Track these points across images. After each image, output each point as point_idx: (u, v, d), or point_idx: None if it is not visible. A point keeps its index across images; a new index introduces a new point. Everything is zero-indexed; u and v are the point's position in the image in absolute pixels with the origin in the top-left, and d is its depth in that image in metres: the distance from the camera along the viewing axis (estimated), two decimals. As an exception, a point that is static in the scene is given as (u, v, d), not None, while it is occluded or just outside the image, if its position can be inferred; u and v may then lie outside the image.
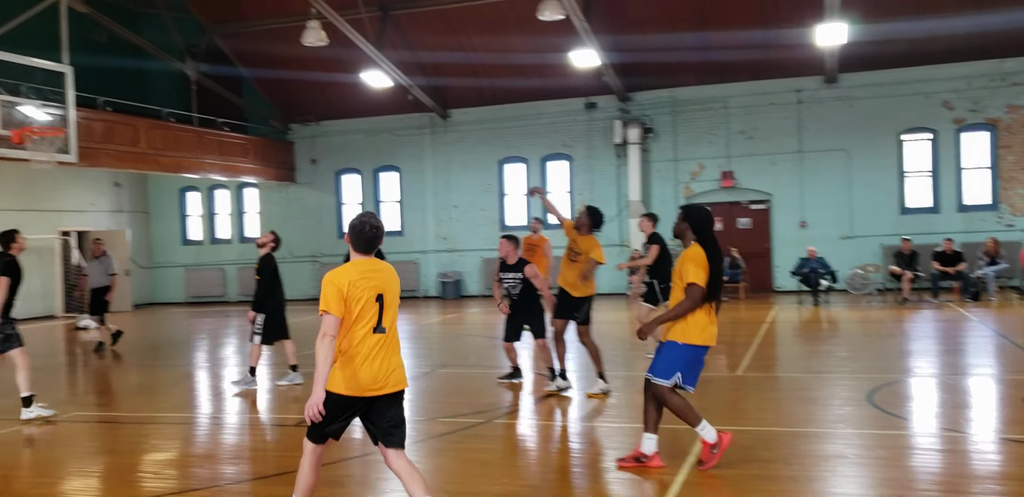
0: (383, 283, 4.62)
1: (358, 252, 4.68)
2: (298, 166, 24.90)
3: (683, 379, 5.92)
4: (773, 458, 6.23)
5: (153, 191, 26.13)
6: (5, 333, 8.52)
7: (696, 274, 5.77)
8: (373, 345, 4.55)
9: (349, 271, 4.58)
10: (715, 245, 5.92)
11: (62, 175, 21.17)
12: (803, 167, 20.81)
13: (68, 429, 8.29)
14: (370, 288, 4.55)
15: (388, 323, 4.61)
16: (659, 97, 21.68)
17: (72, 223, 22.47)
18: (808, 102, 20.71)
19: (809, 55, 19.49)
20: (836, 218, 20.59)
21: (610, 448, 6.79)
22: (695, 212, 6.05)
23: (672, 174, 21.70)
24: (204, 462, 6.93)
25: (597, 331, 14.34)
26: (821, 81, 20.50)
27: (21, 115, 13.05)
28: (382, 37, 20.38)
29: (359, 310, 4.52)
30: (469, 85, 22.44)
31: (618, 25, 19.86)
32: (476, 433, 7.41)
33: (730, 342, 12.83)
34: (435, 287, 23.54)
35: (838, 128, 20.52)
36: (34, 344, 15.44)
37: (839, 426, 7.27)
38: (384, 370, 4.56)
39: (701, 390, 9.22)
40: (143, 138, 19.42)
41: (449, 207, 23.46)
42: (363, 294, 4.54)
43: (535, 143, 22.74)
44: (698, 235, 5.94)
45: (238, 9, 21.74)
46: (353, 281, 4.52)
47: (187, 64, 21.93)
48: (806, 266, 18.50)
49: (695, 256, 5.84)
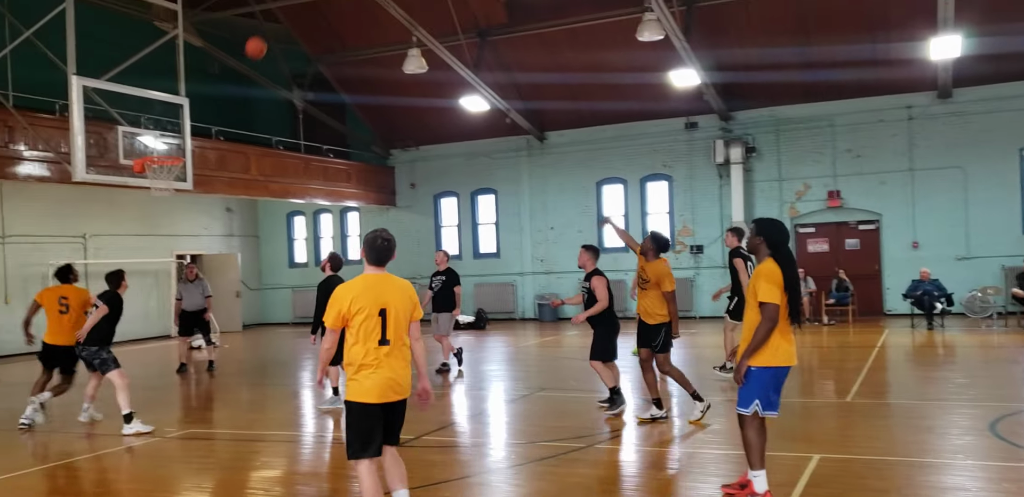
0: (387, 297, 4.89)
1: (370, 264, 5.04)
2: (398, 190, 25.40)
3: (763, 406, 5.58)
4: (887, 488, 5.97)
5: (262, 216, 27.05)
6: (101, 357, 9.27)
7: (770, 292, 5.49)
8: (379, 356, 4.83)
9: (356, 285, 4.92)
10: (790, 260, 5.65)
11: (178, 201, 22.14)
12: (914, 186, 20.07)
13: (182, 445, 8.59)
14: (373, 303, 4.83)
15: (392, 335, 4.86)
16: (762, 116, 21.30)
17: (187, 247, 23.46)
18: (920, 118, 20.00)
19: (921, 70, 18.85)
20: (951, 238, 19.75)
21: (713, 475, 6.63)
22: (768, 225, 5.78)
23: (776, 194, 21.24)
24: (310, 480, 7.08)
25: (701, 355, 14.09)
26: (934, 96, 19.78)
27: (141, 145, 13.70)
28: (480, 62, 20.69)
29: (362, 323, 4.82)
30: (566, 107, 22.52)
31: (718, 44, 19.66)
32: (576, 458, 7.34)
33: (838, 367, 12.43)
34: (532, 309, 23.57)
35: (952, 145, 19.73)
36: (150, 363, 16.14)
37: (958, 456, 6.92)
38: (396, 377, 4.89)
39: (807, 416, 8.96)
40: (254, 165, 20.15)
41: (546, 229, 23.51)
42: (366, 308, 4.82)
43: (634, 164, 22.63)
44: (772, 249, 5.67)
45: (342, 39, 22.43)
46: (356, 297, 4.83)
47: (294, 93, 22.70)
48: (919, 288, 17.78)
49: (768, 273, 5.56)
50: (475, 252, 24.62)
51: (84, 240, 20.24)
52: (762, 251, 5.72)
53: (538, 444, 7.86)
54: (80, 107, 12.37)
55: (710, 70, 19.48)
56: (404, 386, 4.98)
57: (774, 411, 5.63)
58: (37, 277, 18.95)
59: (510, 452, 7.80)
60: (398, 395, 4.96)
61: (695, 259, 21.91)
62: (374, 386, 4.85)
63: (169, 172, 13.56)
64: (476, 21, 20.71)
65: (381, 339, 4.85)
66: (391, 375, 4.89)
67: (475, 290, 23.90)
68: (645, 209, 22.70)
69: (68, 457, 8.00)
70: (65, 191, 18.77)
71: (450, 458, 7.73)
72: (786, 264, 5.60)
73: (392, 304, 4.91)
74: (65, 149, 13.83)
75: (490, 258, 24.37)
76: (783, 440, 7.78)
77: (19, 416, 9.61)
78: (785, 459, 6.89)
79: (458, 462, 7.55)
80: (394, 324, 4.90)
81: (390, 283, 5.02)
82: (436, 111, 23.15)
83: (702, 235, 21.87)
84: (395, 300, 4.94)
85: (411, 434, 8.51)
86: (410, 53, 18.67)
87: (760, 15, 19.21)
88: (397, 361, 4.93)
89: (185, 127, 14.05)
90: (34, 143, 14.53)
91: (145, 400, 11.38)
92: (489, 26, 20.93)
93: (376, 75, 22.68)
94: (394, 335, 4.90)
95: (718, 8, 19.06)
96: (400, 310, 4.96)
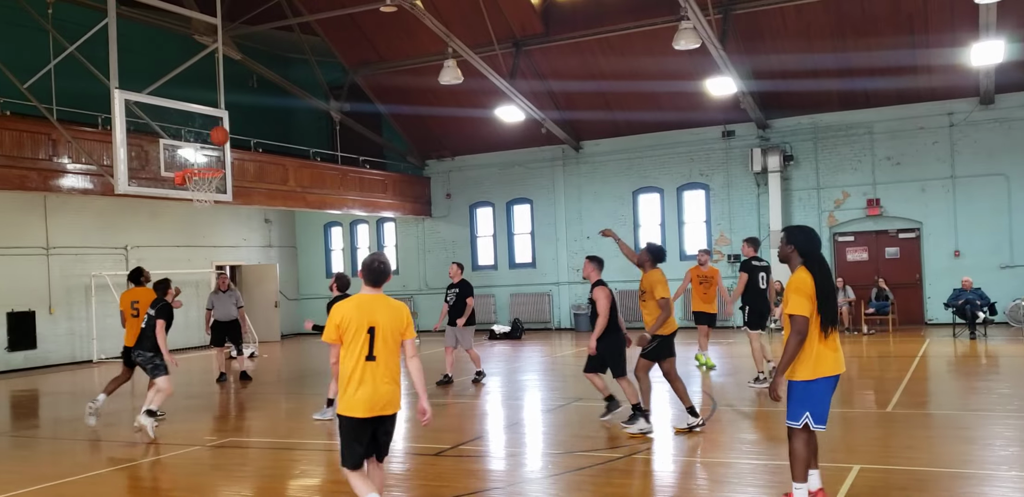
0: (377, 316, 5.21)
1: (366, 285, 5.33)
2: (434, 200, 25.53)
3: (814, 420, 5.46)
4: (931, 501, 5.87)
5: (300, 227, 27.32)
6: (155, 363, 9.66)
7: (798, 303, 5.37)
8: (365, 371, 5.15)
9: (349, 304, 5.24)
10: (824, 267, 5.52)
11: (218, 213, 22.46)
12: (956, 193, 19.75)
13: (222, 454, 8.69)
14: (363, 320, 5.14)
15: (380, 352, 5.18)
16: (799, 124, 21.13)
17: (226, 258, 23.77)
18: (961, 125, 19.71)
19: (962, 76, 18.61)
20: (994, 246, 19.40)
21: (751, 485, 6.56)
22: (799, 233, 5.68)
23: (815, 202, 21.03)
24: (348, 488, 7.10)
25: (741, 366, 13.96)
26: (976, 103, 19.48)
27: (182, 157, 13.90)
28: (515, 72, 20.77)
29: (351, 339, 5.14)
30: (602, 117, 22.52)
31: (755, 51, 19.56)
32: (614, 467, 7.30)
33: (879, 377, 12.25)
34: (568, 319, 23.51)
35: (995, 151, 19.41)
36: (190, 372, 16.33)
37: (1002, 468, 6.79)
38: (380, 393, 5.16)
39: (847, 426, 8.83)
40: (292, 177, 20.39)
41: (581, 238, 23.47)
42: (355, 325, 5.14)
43: (671, 173, 22.53)
44: (805, 258, 5.56)
45: (378, 51, 22.64)
46: (347, 314, 5.18)
47: (330, 104, 22.94)
48: (961, 297, 17.47)
49: (798, 284, 5.44)
50: (511, 262, 24.65)
51: (126, 251, 20.59)
52: (794, 260, 5.61)
53: (575, 454, 7.83)
54: (122, 120, 12.58)
55: (747, 78, 19.38)
56: (391, 402, 5.26)
57: (823, 425, 5.50)
58: (80, 288, 19.31)
59: (547, 462, 7.79)
60: (384, 410, 5.23)
61: (733, 268, 21.72)
62: (361, 401, 5.15)
63: (209, 184, 13.74)
64: (512, 31, 20.80)
65: (368, 355, 5.16)
66: (378, 390, 5.18)
67: (511, 300, 23.92)
68: (682, 218, 22.58)
69: (109, 465, 8.12)
70: (108, 203, 19.15)
71: (486, 468, 7.74)
72: (819, 272, 5.48)
73: (381, 322, 5.22)
74: (108, 162, 14.10)
75: (526, 268, 24.38)
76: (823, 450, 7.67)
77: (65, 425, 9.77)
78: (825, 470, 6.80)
79: (494, 472, 7.55)
80: (382, 341, 5.20)
81: (382, 303, 5.32)
82: (471, 121, 23.27)
83: (739, 244, 21.64)
84: (385, 319, 5.24)
85: (447, 444, 8.54)
86: (446, 64, 18.79)
87: (797, 22, 19.09)
88: (384, 377, 5.21)
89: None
90: (78, 156, 14.83)
91: (185, 408, 11.53)
92: (525, 36, 21.01)
93: (412, 86, 22.87)
94: (382, 352, 5.20)
95: (755, 15, 18.96)
96: (389, 329, 5.25)
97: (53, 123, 14.18)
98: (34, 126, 14.48)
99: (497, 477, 7.30)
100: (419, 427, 9.87)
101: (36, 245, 18.54)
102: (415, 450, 8.58)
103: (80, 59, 13.44)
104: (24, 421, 11.94)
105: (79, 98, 15.69)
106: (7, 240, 17.92)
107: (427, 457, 8.06)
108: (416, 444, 8.95)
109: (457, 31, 18.90)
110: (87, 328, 19.28)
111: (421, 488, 6.90)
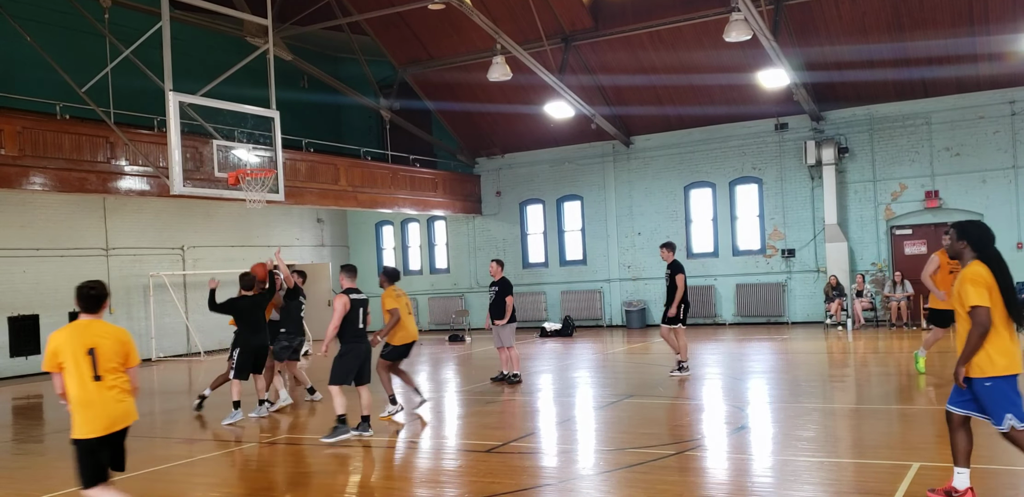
0: (96, 339, 5.30)
1: (82, 312, 5.40)
2: (484, 198, 25.55)
3: (1018, 418, 5.26)
4: (997, 500, 5.68)
5: (352, 226, 27.56)
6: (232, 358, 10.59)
7: (978, 295, 5.27)
8: (94, 391, 5.25)
9: (62, 332, 5.35)
10: (1001, 262, 5.44)
11: (270, 213, 22.75)
12: (1018, 184, 19.16)
13: (278, 450, 8.78)
14: (78, 345, 5.26)
15: (104, 372, 5.28)
16: (854, 115, 20.69)
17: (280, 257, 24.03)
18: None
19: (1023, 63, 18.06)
20: (1060, 238, 18.82)
21: (807, 483, 6.43)
22: (971, 227, 5.61)
23: (871, 195, 20.58)
24: (403, 485, 7.14)
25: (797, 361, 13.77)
26: (1038, 90, 18.91)
27: (235, 158, 14.09)
28: (564, 67, 20.68)
29: (72, 364, 5.24)
30: (652, 111, 22.32)
31: (808, 42, 19.20)
32: (666, 465, 7.22)
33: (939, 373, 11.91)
34: (620, 316, 23.36)
35: (1059, 140, 18.81)
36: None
37: (1074, 467, 6.55)
38: (114, 411, 5.31)
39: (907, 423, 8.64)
40: (343, 176, 20.56)
41: (632, 235, 23.30)
42: (72, 350, 5.25)
43: (723, 167, 22.24)
44: (979, 252, 5.47)
45: (427, 49, 22.72)
46: (61, 343, 5.28)
47: (380, 103, 23.10)
48: (1025, 291, 16.96)
49: (973, 276, 5.35)
50: (561, 259, 24.57)
51: (182, 251, 20.97)
52: (967, 255, 5.54)
53: (627, 451, 7.76)
54: (177, 122, 12.77)
55: (800, 69, 19.04)
56: (125, 415, 5.41)
57: None
58: (139, 288, 19.72)
59: (598, 459, 7.72)
60: (120, 425, 5.39)
61: (787, 263, 21.40)
62: (96, 421, 5.28)
63: (262, 184, 13.90)
64: (560, 26, 20.71)
65: (94, 375, 5.27)
66: (110, 408, 5.31)
67: (562, 297, 23.85)
68: (734, 213, 22.29)
69: (165, 462, 8.26)
70: (164, 204, 19.53)
71: (538, 464, 7.70)
72: (995, 264, 5.42)
73: (101, 344, 5.32)
74: (163, 163, 14.36)
75: (576, 265, 24.28)
76: (881, 448, 7.51)
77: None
78: (882, 467, 6.65)
79: (546, 468, 7.51)
80: (105, 361, 5.31)
81: (101, 328, 5.41)
82: (521, 118, 23.25)
83: (793, 238, 21.35)
84: (106, 341, 5.35)
85: (498, 440, 8.52)
86: (494, 60, 18.78)
87: (852, 11, 18.68)
88: (114, 394, 5.34)
89: (276, 140, 14.38)
90: (135, 158, 15.13)
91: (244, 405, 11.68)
92: (574, 31, 20.90)
93: (461, 83, 22.92)
94: (107, 372, 5.31)
95: (808, 5, 18.61)
96: (111, 352, 5.36)
97: (110, 126, 14.47)
98: (92, 129, 14.81)
99: (549, 474, 7.26)
100: (471, 424, 9.88)
101: (96, 246, 18.98)
102: (466, 446, 8.58)
103: (135, 62, 13.70)
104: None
105: (135, 101, 16.02)
106: (68, 242, 18.37)
107: (478, 453, 8.05)
108: (467, 441, 8.96)
109: (505, 27, 18.87)
110: (146, 327, 19.67)
111: (472, 484, 6.89)
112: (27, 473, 8.24)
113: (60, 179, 14.30)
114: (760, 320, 21.62)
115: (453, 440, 9.12)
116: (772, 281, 21.52)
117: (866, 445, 7.77)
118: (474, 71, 21.23)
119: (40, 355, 17.68)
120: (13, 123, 13.70)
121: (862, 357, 14.95)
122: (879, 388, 11.45)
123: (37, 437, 10.61)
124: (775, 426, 8.65)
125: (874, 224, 20.41)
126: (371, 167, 21.83)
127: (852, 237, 20.60)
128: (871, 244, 20.52)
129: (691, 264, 20.45)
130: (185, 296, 20.78)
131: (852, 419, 9.21)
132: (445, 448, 8.67)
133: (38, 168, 13.97)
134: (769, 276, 21.61)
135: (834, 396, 10.86)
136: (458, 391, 12.58)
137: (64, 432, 10.47)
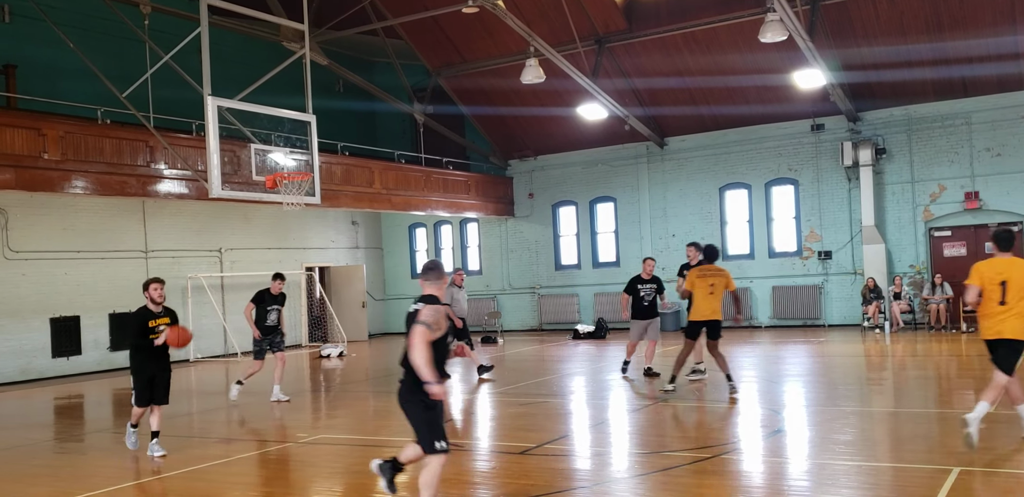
0: None
1: None
2: (516, 200, 25.57)
3: None
4: (1040, 507, 5.59)
5: (386, 228, 27.71)
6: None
7: None
8: None
9: None
10: None
11: (306, 215, 22.96)
12: (1062, 184, 18.83)
13: (313, 450, 8.86)
14: None
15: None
16: (892, 116, 20.44)
17: (315, 259, 24.28)
18: (1066, 113, 18.79)
19: (1065, 61, 17.75)
20: (1105, 240, 18.43)
21: (845, 487, 6.36)
22: None
23: (909, 196, 20.31)
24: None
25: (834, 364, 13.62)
26: (1082, 89, 18.56)
27: (272, 162, 14.25)
28: (597, 69, 20.65)
29: None
30: (687, 112, 22.21)
31: (845, 42, 19.01)
32: (702, 468, 7.18)
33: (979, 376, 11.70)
34: (655, 318, 23.20)
35: (1104, 140, 18.44)
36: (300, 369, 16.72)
37: (1120, 474, 6.42)
38: None
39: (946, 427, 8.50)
40: (377, 179, 20.70)
41: (667, 236, 23.18)
42: None
43: (758, 168, 22.07)
44: None
45: (460, 52, 22.81)
46: None
47: (414, 107, 23.22)
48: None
49: None
50: (594, 261, 24.52)
51: (220, 254, 21.23)
52: None
53: (662, 454, 7.73)
54: (215, 126, 12.96)
55: (836, 70, 18.86)
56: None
57: None
58: (177, 290, 19.97)
59: (633, 462, 7.71)
60: None
61: (823, 265, 21.18)
62: None
63: (299, 187, 14.04)
64: (594, 28, 20.70)
65: None
66: None
67: (595, 299, 23.79)
68: (770, 214, 22.11)
69: (202, 462, 8.36)
70: (202, 207, 19.77)
71: (572, 466, 7.70)
72: None
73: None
74: (202, 167, 14.56)
75: (610, 267, 24.21)
76: (920, 452, 7.42)
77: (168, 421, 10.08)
78: (921, 471, 6.57)
79: (580, 471, 7.51)
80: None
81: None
82: (554, 120, 23.24)
83: (830, 240, 21.13)
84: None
85: (532, 442, 8.53)
86: (528, 63, 18.81)
87: (890, 11, 18.46)
88: None
89: (313, 143, 14.52)
90: (174, 162, 15.35)
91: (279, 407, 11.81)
92: (607, 33, 20.87)
93: (494, 86, 22.98)
94: None
95: (844, 5, 18.43)
96: None
97: (150, 130, 14.71)
98: (132, 134, 15.06)
99: (583, 476, 7.25)
100: (504, 426, 9.89)
101: (135, 249, 19.27)
102: (500, 448, 8.60)
103: (175, 68, 13.90)
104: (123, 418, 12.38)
105: (174, 105, 16.24)
106: (108, 244, 18.66)
107: (513, 455, 8.07)
108: (501, 442, 8.98)
109: (539, 30, 18.89)
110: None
111: (507, 486, 6.90)
112: (69, 472, 8.39)
113: (101, 183, 14.56)
114: (796, 323, 21.42)
115: (486, 441, 9.14)
116: (809, 283, 21.31)
117: (904, 449, 7.68)
118: (507, 74, 21.28)
119: (80, 356, 18.06)
120: (56, 128, 13.97)
121: (900, 360, 14.76)
122: (917, 391, 11.30)
123: (78, 436, 10.81)
124: (812, 429, 8.58)
125: (912, 226, 20.15)
126: (405, 170, 21.94)
127: (890, 239, 20.35)
128: (909, 246, 20.25)
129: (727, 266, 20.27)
130: (223, 298, 21.02)
131: (890, 423, 9.10)
132: (479, 449, 8.70)
133: (80, 172, 14.23)
134: (806, 278, 21.40)
135: (872, 399, 10.74)
136: (491, 393, 12.61)
137: (104, 432, 10.70)
